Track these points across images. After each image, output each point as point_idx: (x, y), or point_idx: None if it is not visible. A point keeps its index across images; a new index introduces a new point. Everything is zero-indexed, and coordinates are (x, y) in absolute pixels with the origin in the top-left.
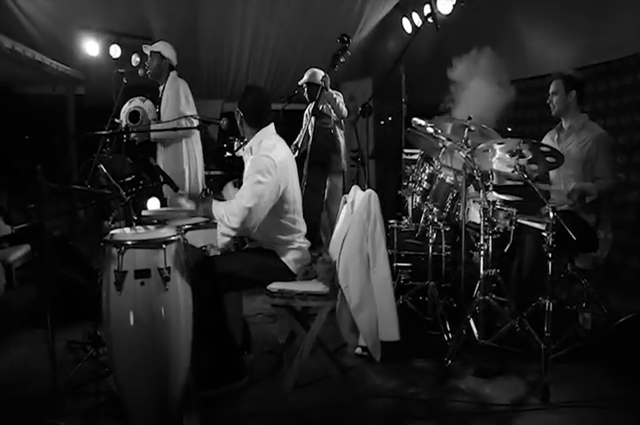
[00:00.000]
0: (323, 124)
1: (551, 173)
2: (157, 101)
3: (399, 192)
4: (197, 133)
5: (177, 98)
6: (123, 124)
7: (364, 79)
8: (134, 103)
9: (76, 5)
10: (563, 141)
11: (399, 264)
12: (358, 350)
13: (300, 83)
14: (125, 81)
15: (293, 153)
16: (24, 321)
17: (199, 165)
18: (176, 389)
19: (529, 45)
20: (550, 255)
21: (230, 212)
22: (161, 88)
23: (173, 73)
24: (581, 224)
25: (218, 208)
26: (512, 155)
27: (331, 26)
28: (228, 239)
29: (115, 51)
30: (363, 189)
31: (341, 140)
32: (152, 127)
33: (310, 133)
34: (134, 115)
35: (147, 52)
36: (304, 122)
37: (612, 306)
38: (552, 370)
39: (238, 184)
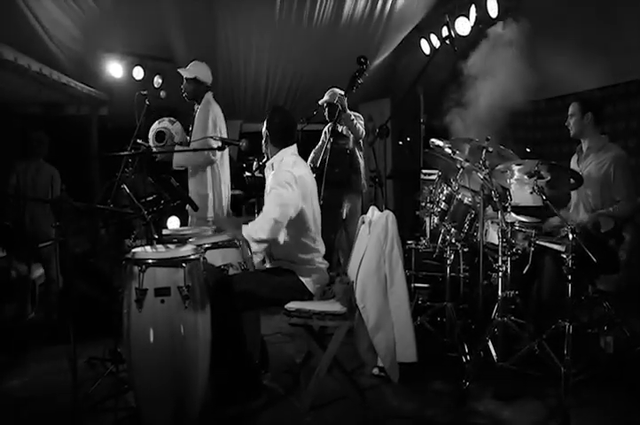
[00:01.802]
0: (341, 144)
1: (572, 194)
2: (182, 121)
3: (417, 213)
4: (225, 157)
5: (205, 123)
6: (151, 143)
7: (382, 99)
8: (162, 123)
9: (100, 29)
10: (582, 161)
11: (417, 284)
12: (375, 370)
13: (320, 103)
14: (147, 102)
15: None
16: (46, 337)
17: (224, 189)
18: (194, 406)
19: (550, 65)
20: (569, 277)
21: (257, 226)
22: (196, 107)
23: (208, 95)
24: (601, 245)
25: (246, 229)
26: (531, 176)
27: (350, 47)
28: (260, 258)
29: (138, 73)
30: (381, 210)
31: (360, 160)
32: (178, 149)
33: (329, 153)
34: (160, 135)
35: (184, 74)
36: (322, 139)
37: (635, 329)
38: (572, 394)
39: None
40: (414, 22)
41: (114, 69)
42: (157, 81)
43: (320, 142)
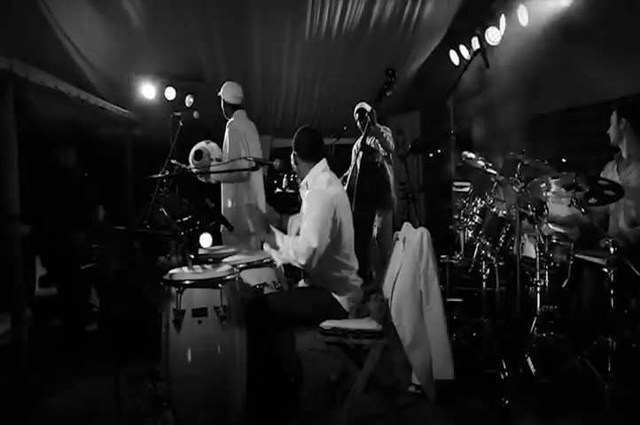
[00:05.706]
0: (371, 159)
1: (612, 204)
2: (216, 140)
3: (450, 227)
4: (257, 173)
5: (230, 142)
6: (190, 161)
7: (412, 112)
8: (199, 144)
9: (133, 51)
10: (622, 170)
11: (452, 300)
12: (412, 388)
13: (356, 108)
14: (181, 123)
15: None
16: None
17: (259, 203)
18: (232, 424)
19: (585, 72)
20: (611, 291)
21: (297, 249)
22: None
23: (237, 113)
24: None
25: (282, 241)
26: (568, 189)
27: (379, 60)
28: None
29: (170, 94)
30: (415, 226)
31: (390, 174)
32: (212, 168)
33: (358, 168)
34: (198, 154)
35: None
36: (352, 157)
37: None
38: (617, 412)
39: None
40: (442, 32)
41: (147, 90)
42: (189, 100)
43: (352, 163)
